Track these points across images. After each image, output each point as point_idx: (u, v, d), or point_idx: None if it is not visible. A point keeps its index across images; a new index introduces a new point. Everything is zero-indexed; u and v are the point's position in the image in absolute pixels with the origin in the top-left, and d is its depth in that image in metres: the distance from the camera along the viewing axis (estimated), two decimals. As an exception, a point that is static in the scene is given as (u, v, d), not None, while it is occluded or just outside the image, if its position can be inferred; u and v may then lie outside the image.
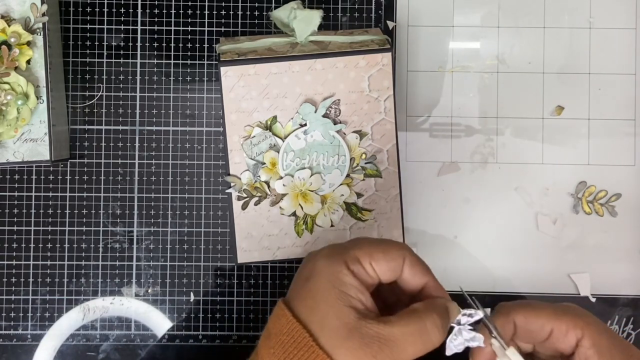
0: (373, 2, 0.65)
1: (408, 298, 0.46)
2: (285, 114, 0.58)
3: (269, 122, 0.58)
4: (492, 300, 0.64)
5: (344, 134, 0.59)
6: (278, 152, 0.58)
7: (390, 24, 0.65)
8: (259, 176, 0.59)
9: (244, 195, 0.59)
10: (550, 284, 0.64)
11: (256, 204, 0.59)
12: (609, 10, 0.65)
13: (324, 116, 0.58)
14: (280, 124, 0.58)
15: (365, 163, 0.59)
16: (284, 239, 0.60)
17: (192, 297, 0.64)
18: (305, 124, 0.58)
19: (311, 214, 0.59)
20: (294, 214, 0.59)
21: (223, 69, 0.57)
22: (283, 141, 0.58)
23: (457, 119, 0.65)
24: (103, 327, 0.64)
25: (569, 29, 0.65)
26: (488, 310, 0.44)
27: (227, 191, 0.59)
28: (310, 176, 0.59)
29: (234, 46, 0.59)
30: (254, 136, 0.58)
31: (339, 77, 0.58)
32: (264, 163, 0.59)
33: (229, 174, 0.59)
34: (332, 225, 0.60)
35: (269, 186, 0.59)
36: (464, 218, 0.65)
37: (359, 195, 0.59)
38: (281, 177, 0.59)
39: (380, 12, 0.65)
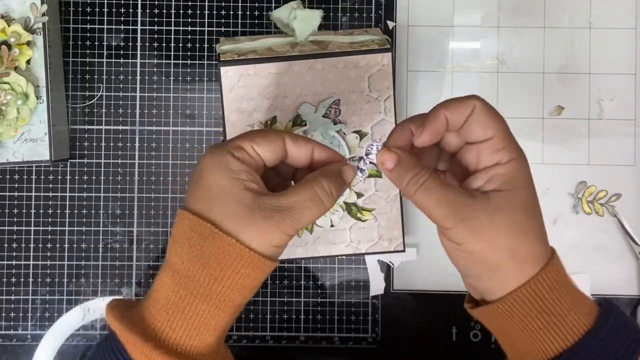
0: (373, 2, 0.65)
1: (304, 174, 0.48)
2: (285, 115, 0.58)
3: (269, 123, 0.58)
4: (492, 300, 0.64)
5: (344, 134, 0.59)
6: None
7: (390, 24, 0.65)
8: None
9: None
10: (550, 284, 0.64)
11: None
12: (609, 10, 0.65)
13: (324, 116, 0.58)
14: (280, 124, 0.58)
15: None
16: None
17: (192, 297, 0.64)
18: (305, 124, 0.58)
19: None
20: None
21: (223, 69, 0.57)
22: None
23: (457, 119, 0.65)
24: (103, 327, 0.64)
25: (569, 29, 0.65)
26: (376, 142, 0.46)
27: None
28: None
29: (234, 46, 0.59)
30: None
31: (339, 77, 0.58)
32: None
33: None
34: (332, 225, 0.60)
35: None
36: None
37: (359, 195, 0.59)
38: None
39: (380, 12, 0.65)
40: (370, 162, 0.47)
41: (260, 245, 0.44)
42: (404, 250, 0.60)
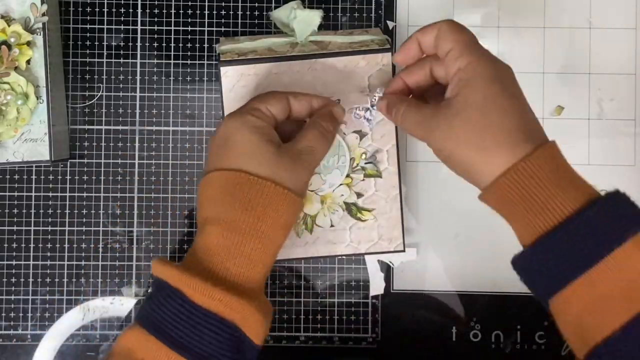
0: (373, 2, 0.65)
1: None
2: None
3: None
4: (492, 300, 0.64)
5: (344, 134, 0.59)
6: None
7: (390, 24, 0.65)
8: None
9: None
10: (550, 284, 0.64)
11: None
12: (609, 10, 0.65)
13: None
14: None
15: (365, 163, 0.59)
16: None
17: (192, 297, 0.64)
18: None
19: (311, 214, 0.59)
20: None
21: (223, 69, 0.57)
22: None
23: (457, 119, 0.65)
24: (103, 327, 0.64)
25: (569, 29, 0.65)
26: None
27: None
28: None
29: (234, 46, 0.59)
30: None
31: (339, 77, 0.58)
32: None
33: None
34: (332, 226, 0.60)
35: None
36: (464, 218, 0.65)
37: (358, 195, 0.59)
38: None
39: (380, 12, 0.65)
40: (373, 115, 0.56)
41: (293, 184, 0.50)
42: (403, 250, 0.60)
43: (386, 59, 0.58)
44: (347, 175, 0.59)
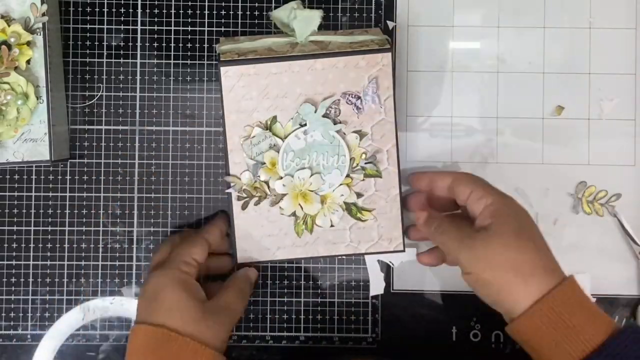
0: (373, 2, 0.65)
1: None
2: (285, 114, 0.58)
3: (268, 122, 0.58)
4: (492, 300, 0.64)
5: (344, 134, 0.59)
6: (278, 152, 0.58)
7: (390, 24, 0.65)
8: (259, 176, 0.59)
9: (244, 195, 0.59)
10: (550, 284, 0.64)
11: (256, 204, 0.59)
12: (609, 10, 0.65)
13: (323, 116, 0.58)
14: (280, 124, 0.58)
15: (365, 163, 0.59)
16: (283, 239, 0.60)
17: (192, 297, 0.64)
18: (305, 124, 0.58)
19: (311, 213, 0.59)
20: (293, 214, 0.59)
21: (223, 69, 0.57)
22: (283, 141, 0.58)
23: (457, 119, 0.65)
24: (103, 327, 0.64)
25: (569, 29, 0.65)
26: None
27: (227, 191, 0.59)
28: (310, 176, 0.59)
29: (234, 46, 0.59)
30: (254, 136, 0.58)
31: (338, 77, 0.58)
32: (264, 163, 0.59)
33: (228, 174, 0.59)
34: (332, 225, 0.60)
35: (268, 186, 0.59)
36: (464, 218, 0.65)
37: (358, 195, 0.59)
38: (281, 177, 0.59)
39: (380, 12, 0.65)
40: (366, 102, 0.57)
41: (214, 341, 0.54)
42: (403, 250, 0.60)
43: (386, 59, 0.58)
44: (347, 175, 0.59)
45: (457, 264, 0.54)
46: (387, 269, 0.64)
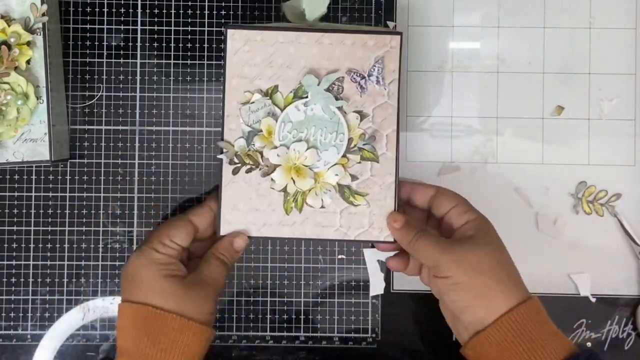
0: (373, 2, 0.65)
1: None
2: (287, 85, 0.57)
3: (269, 91, 0.57)
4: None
5: (345, 112, 0.57)
6: (276, 121, 0.57)
7: (390, 24, 0.65)
8: (253, 144, 0.57)
9: (236, 161, 0.58)
10: (550, 284, 0.64)
11: (247, 171, 0.58)
12: (609, 10, 0.65)
13: (326, 90, 0.57)
14: (280, 94, 0.57)
15: (364, 144, 0.58)
16: (271, 215, 0.58)
17: (192, 297, 0.64)
18: (307, 97, 0.57)
19: (303, 189, 0.58)
20: (284, 189, 0.58)
21: (230, 32, 0.57)
22: (282, 111, 0.57)
23: (457, 119, 0.65)
24: (103, 327, 0.64)
25: (569, 29, 0.65)
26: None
27: (218, 156, 0.58)
28: (306, 150, 0.57)
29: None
30: (253, 102, 0.57)
31: (345, 54, 0.57)
32: (260, 131, 0.57)
33: (222, 140, 0.58)
34: (322, 207, 0.58)
35: (262, 156, 0.58)
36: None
37: (353, 177, 0.58)
38: (276, 147, 0.57)
39: (380, 12, 0.65)
40: (370, 82, 0.57)
41: (198, 315, 0.54)
42: (394, 242, 0.59)
43: (395, 41, 0.57)
44: (343, 155, 0.58)
45: (431, 274, 0.56)
46: (387, 269, 0.64)
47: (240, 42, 0.57)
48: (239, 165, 0.58)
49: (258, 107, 0.57)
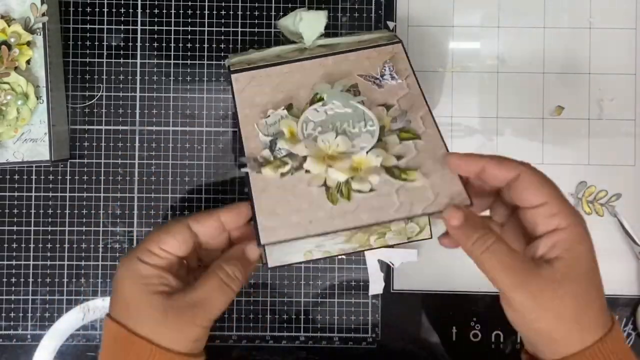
0: (373, 2, 0.65)
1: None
2: (301, 101, 0.55)
3: (285, 108, 0.55)
4: (492, 300, 0.64)
5: (368, 107, 0.53)
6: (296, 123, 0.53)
7: (390, 24, 0.65)
8: (279, 149, 0.52)
9: (261, 161, 0.52)
10: (550, 284, 0.64)
11: (282, 175, 0.51)
12: (609, 10, 0.65)
13: (341, 91, 0.55)
14: (297, 109, 0.54)
15: (398, 128, 0.53)
16: (316, 212, 0.50)
17: (192, 297, 0.64)
18: (323, 100, 0.54)
19: (341, 179, 0.51)
20: (324, 184, 0.51)
21: (234, 76, 0.56)
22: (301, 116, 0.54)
23: (457, 119, 0.65)
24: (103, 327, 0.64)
25: (569, 29, 0.65)
26: None
27: (242, 170, 0.52)
28: (336, 137, 0.52)
29: (242, 57, 0.59)
30: (269, 116, 0.54)
31: (352, 67, 0.56)
32: (282, 133, 0.53)
33: (244, 156, 0.53)
34: (372, 190, 0.50)
35: (289, 157, 0.52)
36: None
37: (398, 157, 0.51)
38: (301, 141, 0.52)
39: (380, 12, 0.65)
40: (385, 81, 0.53)
41: (176, 343, 0.46)
42: (471, 204, 0.49)
43: (397, 49, 0.57)
44: (379, 140, 0.52)
45: (495, 282, 0.45)
46: (387, 269, 0.64)
47: (245, 82, 0.56)
48: (267, 167, 0.52)
49: (275, 120, 0.54)
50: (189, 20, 0.64)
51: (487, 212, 0.53)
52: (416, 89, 0.54)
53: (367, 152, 0.51)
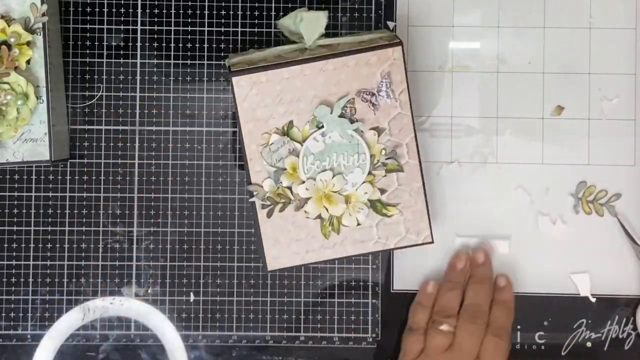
0: (373, 2, 0.65)
1: None
2: (301, 118, 0.58)
3: (285, 128, 0.58)
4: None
5: (362, 132, 0.58)
6: (298, 156, 0.58)
7: (390, 24, 0.65)
8: (281, 182, 0.58)
9: (268, 203, 0.59)
10: (550, 284, 0.64)
11: (281, 210, 0.59)
12: (609, 10, 0.65)
13: (340, 116, 0.58)
14: (297, 129, 0.58)
15: (386, 159, 0.58)
16: (312, 242, 0.59)
17: (192, 297, 0.64)
18: (322, 126, 0.58)
19: (336, 214, 0.59)
20: (319, 216, 0.59)
21: (235, 79, 0.57)
22: (301, 145, 0.58)
23: (457, 119, 0.65)
24: (103, 327, 0.64)
25: (569, 29, 0.65)
26: None
27: (250, 200, 0.59)
28: (332, 177, 0.58)
29: (243, 58, 0.59)
30: (272, 143, 0.58)
31: (351, 76, 0.57)
32: (285, 169, 0.58)
33: (250, 183, 0.58)
34: (358, 224, 0.59)
35: (291, 191, 0.58)
36: (464, 218, 0.65)
37: (382, 191, 0.59)
38: (303, 182, 0.58)
39: (380, 12, 0.65)
40: (381, 97, 0.58)
41: None
42: (432, 242, 0.60)
43: (397, 53, 0.57)
44: (369, 173, 0.58)
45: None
46: (387, 269, 0.64)
47: (247, 88, 0.57)
48: (272, 206, 0.59)
49: (278, 146, 0.58)
50: (189, 20, 0.64)
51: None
52: (407, 109, 0.58)
53: (357, 189, 0.58)
